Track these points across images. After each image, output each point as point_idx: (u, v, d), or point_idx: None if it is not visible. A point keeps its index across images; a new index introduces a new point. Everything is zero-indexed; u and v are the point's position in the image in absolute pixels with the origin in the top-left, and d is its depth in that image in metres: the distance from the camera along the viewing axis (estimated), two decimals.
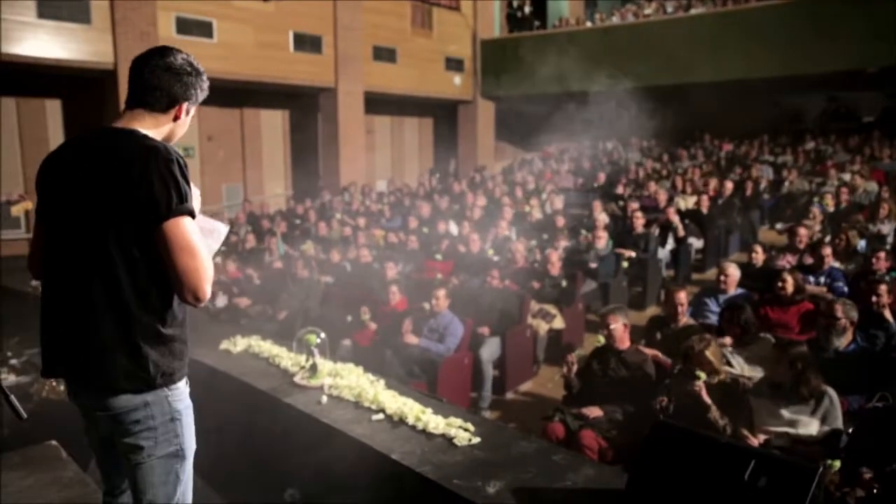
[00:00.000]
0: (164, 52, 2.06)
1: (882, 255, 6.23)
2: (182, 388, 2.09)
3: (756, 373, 4.51)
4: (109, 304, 1.95)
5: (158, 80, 2.03)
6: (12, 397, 2.09)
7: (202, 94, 2.14)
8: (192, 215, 1.96)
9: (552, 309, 7.02)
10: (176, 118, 2.10)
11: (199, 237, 1.96)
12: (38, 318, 2.10)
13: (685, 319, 5.40)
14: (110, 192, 1.91)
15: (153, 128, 2.05)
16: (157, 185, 1.88)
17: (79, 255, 1.97)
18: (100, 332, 1.96)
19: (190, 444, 2.13)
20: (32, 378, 5.84)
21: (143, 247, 1.92)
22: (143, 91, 2.04)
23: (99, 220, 1.93)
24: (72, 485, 3.48)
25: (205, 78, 2.13)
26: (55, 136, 12.88)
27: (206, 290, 1.94)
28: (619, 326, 4.69)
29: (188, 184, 1.95)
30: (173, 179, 1.89)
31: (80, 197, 1.97)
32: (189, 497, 2.19)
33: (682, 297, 5.37)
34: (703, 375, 3.97)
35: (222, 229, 2.35)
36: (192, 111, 2.16)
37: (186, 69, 2.07)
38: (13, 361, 6.45)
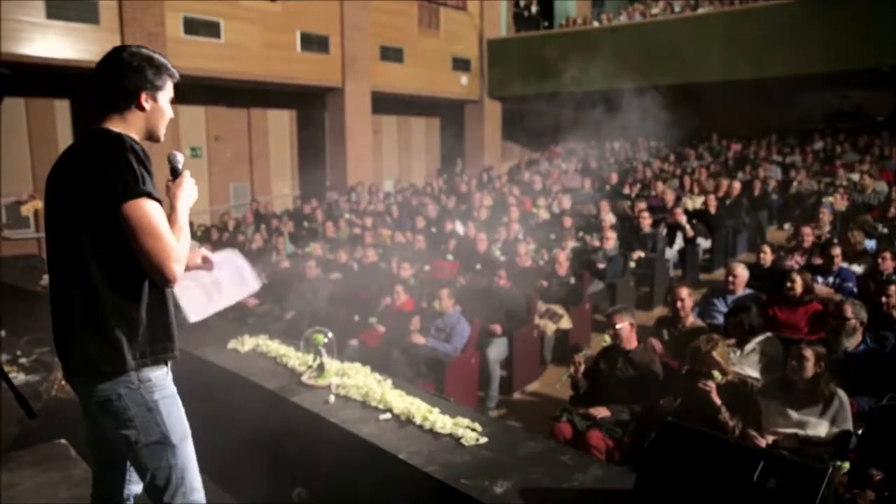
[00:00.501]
0: (114, 51, 2.16)
1: (888, 255, 6.18)
2: (156, 379, 2.14)
3: (751, 370, 4.51)
4: (83, 292, 2.05)
5: (110, 79, 2.12)
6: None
7: (161, 79, 2.17)
8: (154, 199, 2.01)
9: (559, 309, 7.01)
10: (142, 109, 2.15)
11: (163, 219, 2.03)
12: (49, 315, 2.19)
13: (692, 319, 5.38)
14: (76, 187, 2.03)
15: (123, 124, 2.13)
16: (112, 170, 1.97)
17: (59, 251, 2.11)
18: (75, 319, 2.07)
19: (177, 432, 2.18)
20: (42, 377, 5.87)
21: (109, 235, 2.00)
22: (103, 93, 2.13)
23: (70, 216, 2.05)
24: (81, 483, 3.49)
25: (157, 62, 2.16)
26: (64, 136, 12.93)
27: (174, 269, 2.01)
28: (625, 326, 4.69)
29: (147, 171, 2.02)
30: (128, 165, 1.98)
31: (58, 197, 2.10)
32: (193, 479, 2.25)
33: (683, 293, 5.35)
34: (717, 376, 3.95)
35: (253, 285, 2.39)
36: (162, 98, 2.20)
37: (130, 61, 2.12)
38: (23, 360, 6.49)
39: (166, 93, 2.20)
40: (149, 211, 1.98)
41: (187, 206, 2.18)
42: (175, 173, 2.22)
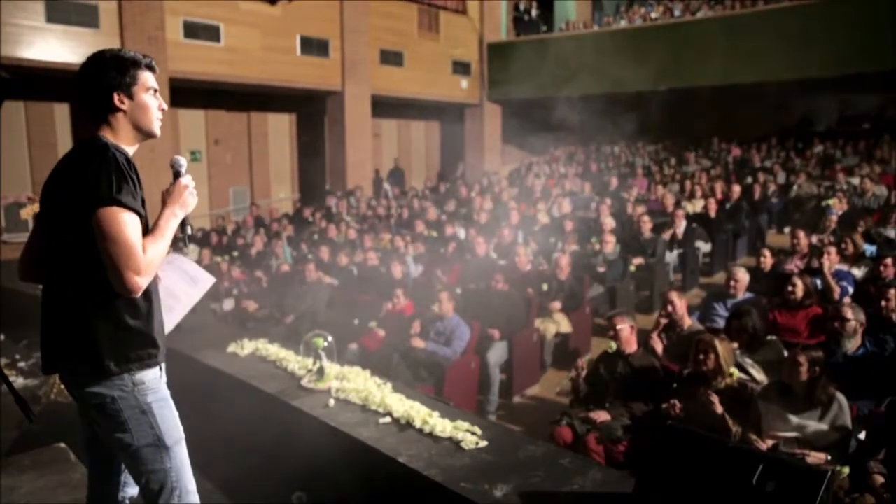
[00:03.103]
0: (85, 62, 2.16)
1: (889, 261, 6.17)
2: (149, 382, 2.15)
3: (758, 376, 4.50)
4: (67, 298, 2.08)
5: (85, 90, 2.15)
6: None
7: (130, 74, 2.14)
8: (132, 209, 2.00)
9: (559, 315, 6.98)
10: (120, 110, 2.13)
11: (132, 229, 1.99)
12: None
13: (690, 322, 5.37)
14: (61, 195, 2.06)
15: (108, 128, 2.15)
16: (90, 176, 1.98)
17: (49, 256, 2.13)
18: (58, 324, 2.11)
19: (171, 435, 2.19)
20: (41, 381, 5.87)
21: (89, 242, 2.00)
22: (84, 104, 2.16)
23: (56, 223, 2.08)
24: (79, 487, 3.48)
25: (122, 57, 2.14)
26: (63, 140, 12.95)
27: (133, 280, 1.98)
28: (625, 329, 4.69)
29: (129, 182, 2.01)
30: (106, 172, 1.98)
31: (48, 204, 2.13)
32: (188, 482, 2.26)
33: (673, 296, 5.34)
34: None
35: (206, 282, 2.38)
36: (139, 92, 2.16)
37: (95, 67, 2.13)
38: (21, 364, 6.49)
39: (141, 85, 2.16)
40: (116, 219, 1.97)
41: (174, 212, 2.16)
42: (177, 177, 2.21)
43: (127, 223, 1.99)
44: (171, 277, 2.35)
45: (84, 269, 2.04)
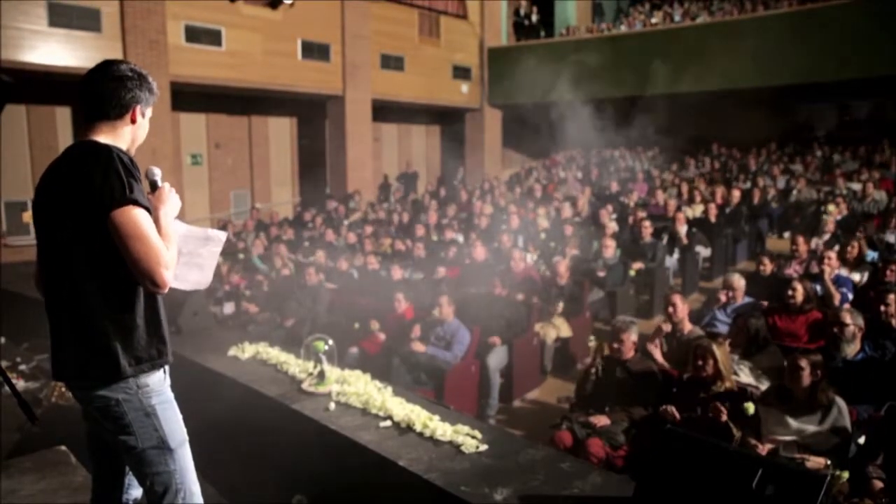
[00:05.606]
0: (108, 63, 2.21)
1: (895, 267, 6.17)
2: (153, 385, 2.17)
3: (762, 385, 4.51)
4: (77, 301, 2.08)
5: (107, 89, 2.15)
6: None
7: (151, 97, 2.25)
8: (142, 206, 2.03)
9: (559, 319, 6.99)
10: (132, 121, 2.21)
11: (152, 226, 2.04)
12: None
13: (690, 327, 5.38)
14: (66, 198, 2.06)
15: (111, 134, 2.17)
16: (99, 179, 2.00)
17: (52, 261, 2.14)
18: (70, 327, 2.11)
19: (174, 437, 2.21)
20: (42, 383, 5.87)
21: (99, 242, 2.02)
22: (97, 102, 2.16)
23: (61, 226, 2.08)
24: (80, 489, 3.49)
25: (150, 80, 2.25)
26: (65, 144, 12.69)
27: (163, 274, 2.02)
28: (630, 339, 4.68)
29: (134, 179, 2.04)
30: (115, 173, 2.00)
31: (48, 208, 2.13)
32: (192, 484, 2.27)
33: (676, 299, 5.34)
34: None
35: (219, 236, 2.42)
36: (148, 113, 2.28)
37: (129, 75, 2.19)
38: (22, 367, 6.48)
39: (149, 113, 2.28)
40: (136, 217, 2.00)
41: (170, 216, 2.19)
42: (154, 187, 2.25)
43: (147, 221, 2.03)
44: (189, 244, 2.38)
45: (91, 271, 2.05)
